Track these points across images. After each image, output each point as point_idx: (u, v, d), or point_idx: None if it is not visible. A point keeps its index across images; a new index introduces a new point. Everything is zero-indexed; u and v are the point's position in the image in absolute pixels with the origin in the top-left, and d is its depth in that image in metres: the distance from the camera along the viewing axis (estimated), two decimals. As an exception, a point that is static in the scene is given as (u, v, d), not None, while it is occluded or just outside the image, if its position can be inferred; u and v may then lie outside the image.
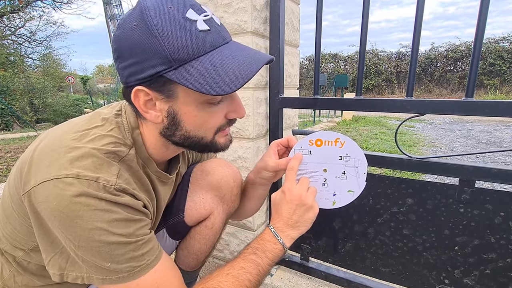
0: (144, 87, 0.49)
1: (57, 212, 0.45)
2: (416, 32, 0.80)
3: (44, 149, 0.50)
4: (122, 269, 0.49)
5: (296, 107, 1.09)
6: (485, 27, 0.73)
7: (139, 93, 0.50)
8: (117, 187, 0.49)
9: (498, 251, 0.81)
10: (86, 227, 0.46)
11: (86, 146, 0.49)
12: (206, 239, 0.83)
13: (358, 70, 0.92)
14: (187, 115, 0.52)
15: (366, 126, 6.67)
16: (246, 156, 1.09)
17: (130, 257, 0.49)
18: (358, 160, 0.66)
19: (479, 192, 0.80)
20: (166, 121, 0.53)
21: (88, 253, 0.47)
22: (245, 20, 0.97)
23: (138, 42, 0.46)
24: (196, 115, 0.53)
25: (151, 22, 0.45)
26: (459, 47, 14.84)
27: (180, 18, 0.46)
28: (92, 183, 0.46)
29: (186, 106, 0.52)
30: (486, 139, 5.16)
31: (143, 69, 0.48)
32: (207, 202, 0.81)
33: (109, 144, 0.52)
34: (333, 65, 18.05)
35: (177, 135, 0.55)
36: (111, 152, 0.51)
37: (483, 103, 0.75)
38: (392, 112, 0.87)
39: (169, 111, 0.52)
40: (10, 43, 10.66)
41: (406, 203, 0.91)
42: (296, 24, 1.24)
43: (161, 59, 0.46)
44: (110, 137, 0.53)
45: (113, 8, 9.69)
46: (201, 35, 0.48)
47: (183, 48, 0.46)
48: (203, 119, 0.54)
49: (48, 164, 0.47)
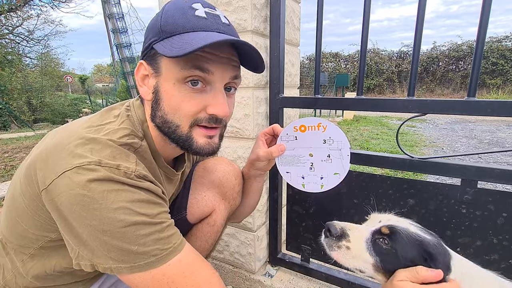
0: (143, 61, 0.56)
1: (80, 197, 0.45)
2: (417, 31, 0.80)
3: (58, 144, 0.51)
4: (150, 252, 0.48)
5: (296, 106, 1.08)
6: (487, 26, 0.72)
7: (140, 67, 0.56)
8: (138, 173, 0.51)
9: (501, 252, 0.80)
10: (110, 207, 0.46)
11: (103, 138, 0.52)
12: (207, 236, 0.84)
13: (359, 69, 0.92)
14: (166, 93, 0.55)
15: (367, 126, 6.65)
16: (246, 156, 1.08)
17: (157, 238, 0.49)
18: (340, 142, 0.69)
19: (481, 193, 0.79)
20: (151, 98, 0.57)
21: (114, 237, 0.47)
22: (245, 18, 0.97)
23: (151, 23, 0.56)
24: (173, 94, 0.54)
25: (164, 8, 0.54)
26: (461, 46, 14.78)
27: (185, 5, 0.53)
28: (114, 169, 0.48)
29: (166, 83, 0.54)
30: (488, 139, 5.14)
31: (144, 43, 0.55)
32: (209, 200, 0.82)
33: (123, 137, 0.54)
34: (334, 64, 18.02)
35: (158, 116, 0.57)
36: (126, 144, 0.54)
37: (486, 102, 0.75)
38: (393, 112, 0.86)
39: (155, 87, 0.56)
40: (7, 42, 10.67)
41: (408, 204, 0.90)
42: (296, 23, 1.23)
43: (155, 32, 0.53)
44: (123, 130, 0.56)
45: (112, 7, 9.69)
46: (194, 18, 0.53)
47: (173, 24, 0.52)
48: (178, 100, 0.54)
49: (66, 156, 0.48)
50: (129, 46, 9.82)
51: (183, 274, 0.51)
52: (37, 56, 11.86)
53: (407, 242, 0.53)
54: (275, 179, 1.15)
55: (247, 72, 1.01)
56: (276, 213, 1.19)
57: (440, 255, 0.52)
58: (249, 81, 1.02)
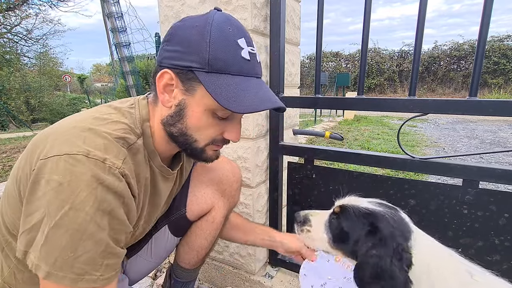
0: (172, 72, 0.55)
1: (57, 184, 0.46)
2: (419, 30, 0.79)
3: (56, 131, 0.53)
4: (74, 269, 0.47)
5: (296, 106, 1.08)
6: (489, 25, 0.72)
7: (165, 74, 0.56)
8: (121, 171, 0.51)
9: (503, 253, 0.79)
10: (75, 206, 0.46)
11: (99, 129, 0.53)
12: (207, 233, 0.85)
13: (360, 69, 0.91)
14: (193, 114, 0.57)
15: (368, 126, 6.63)
16: (246, 156, 1.08)
17: (90, 259, 0.47)
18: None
19: (483, 193, 0.79)
20: (173, 109, 0.58)
21: (58, 234, 0.46)
22: (245, 18, 0.96)
23: (191, 38, 0.54)
24: (200, 118, 0.58)
25: (209, 30, 0.53)
26: (462, 46, 14.73)
27: (232, 40, 0.54)
28: (99, 163, 0.49)
29: (197, 106, 0.57)
30: (490, 139, 5.12)
31: (181, 58, 0.55)
32: (208, 197, 0.83)
33: (119, 130, 0.55)
34: (335, 64, 17.99)
35: (176, 126, 0.59)
36: (120, 137, 0.55)
37: (487, 102, 0.74)
38: (394, 111, 0.86)
39: (180, 102, 0.57)
40: (6, 41, 10.65)
41: (409, 204, 0.89)
42: (297, 22, 1.22)
43: (200, 59, 0.53)
44: (121, 124, 0.57)
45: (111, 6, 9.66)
46: (240, 60, 0.55)
47: (221, 61, 0.53)
48: (203, 125, 0.59)
49: (61, 142, 0.50)
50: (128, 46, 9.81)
51: None
52: (35, 56, 11.85)
53: (354, 217, 0.58)
54: (275, 179, 1.14)
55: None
56: (276, 213, 1.19)
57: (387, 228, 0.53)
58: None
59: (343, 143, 4.35)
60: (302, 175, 1.07)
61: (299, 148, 1.06)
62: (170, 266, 0.97)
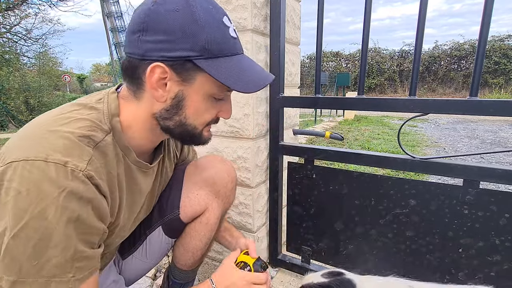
0: (165, 65, 0.51)
1: (15, 192, 0.44)
2: (419, 30, 0.79)
3: (18, 135, 0.50)
4: (41, 274, 0.45)
5: (297, 106, 1.08)
6: (489, 25, 0.72)
7: (157, 69, 0.51)
8: (86, 173, 0.47)
9: (503, 253, 0.79)
10: (35, 216, 0.43)
11: (60, 129, 0.49)
12: (201, 235, 0.84)
13: (360, 69, 0.91)
14: (193, 103, 0.56)
15: (368, 126, 6.63)
16: (246, 157, 1.08)
17: (58, 264, 0.45)
18: None
19: (483, 193, 0.78)
20: (169, 102, 0.55)
21: (20, 245, 0.43)
22: (245, 17, 0.96)
23: (177, 24, 0.49)
24: (200, 105, 0.57)
25: (196, 13, 0.49)
26: (463, 45, 14.71)
27: (219, 20, 0.52)
28: (60, 167, 0.45)
29: (196, 95, 0.55)
30: (490, 139, 5.11)
31: (173, 49, 0.50)
32: (201, 198, 0.82)
33: (83, 127, 0.51)
34: (335, 64, 17.97)
35: (174, 119, 0.57)
36: (85, 136, 0.50)
37: (488, 102, 0.74)
38: (394, 111, 0.85)
39: (177, 94, 0.54)
40: (5, 41, 10.60)
41: (409, 204, 0.89)
42: (297, 22, 1.22)
43: (195, 45, 0.50)
44: (85, 121, 0.52)
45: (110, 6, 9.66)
46: (230, 39, 0.54)
47: (216, 44, 0.51)
48: (203, 110, 0.58)
49: (19, 147, 0.47)
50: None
51: None
52: (35, 55, 11.80)
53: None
54: (275, 179, 1.14)
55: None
56: (276, 214, 1.18)
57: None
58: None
59: (343, 143, 4.35)
60: (302, 175, 1.07)
61: (299, 148, 1.06)
62: (168, 268, 0.97)
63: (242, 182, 1.10)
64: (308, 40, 6.51)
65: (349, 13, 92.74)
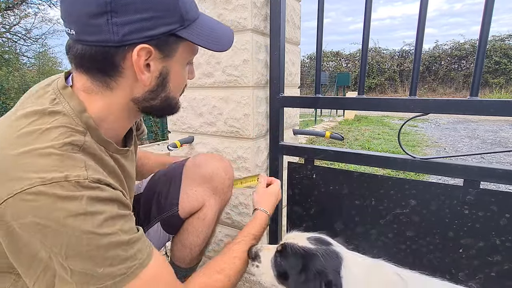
0: (149, 45, 0.47)
1: (35, 225, 0.40)
2: (420, 30, 0.79)
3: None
4: (116, 273, 0.46)
5: (297, 106, 1.08)
6: (490, 25, 0.71)
7: (142, 52, 0.47)
8: (91, 179, 0.45)
9: (504, 253, 0.79)
10: (72, 234, 0.41)
11: (33, 148, 0.43)
12: (199, 231, 0.85)
13: (360, 69, 0.91)
14: (175, 74, 0.55)
15: (369, 126, 6.62)
16: (246, 157, 1.08)
17: (124, 257, 0.46)
18: None
19: (484, 193, 0.78)
20: (154, 83, 0.53)
21: (78, 262, 0.43)
22: (245, 17, 0.96)
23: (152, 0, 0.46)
24: (181, 74, 0.57)
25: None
26: (463, 45, 14.69)
27: None
28: (63, 183, 0.42)
29: (177, 65, 0.54)
30: (491, 139, 5.11)
31: (155, 26, 0.47)
32: (199, 194, 0.84)
33: (59, 136, 0.46)
34: (335, 63, 17.95)
35: (159, 97, 0.55)
36: (66, 144, 0.45)
37: (488, 102, 0.74)
38: (395, 111, 0.85)
39: (161, 71, 0.52)
40: (4, 41, 10.59)
41: (410, 204, 0.89)
42: (297, 22, 1.22)
43: (176, 17, 0.49)
44: (57, 129, 0.46)
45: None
46: (193, 1, 0.54)
47: (190, 9, 0.51)
48: (182, 78, 0.58)
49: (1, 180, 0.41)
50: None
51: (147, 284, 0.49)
52: (34, 55, 11.76)
53: (291, 257, 0.63)
54: (275, 179, 1.14)
55: (247, 71, 1.00)
56: (276, 214, 1.18)
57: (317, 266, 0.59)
58: (249, 80, 1.01)
59: (344, 143, 4.35)
60: (302, 175, 1.07)
61: (299, 148, 1.06)
62: None
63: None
64: (308, 40, 6.50)
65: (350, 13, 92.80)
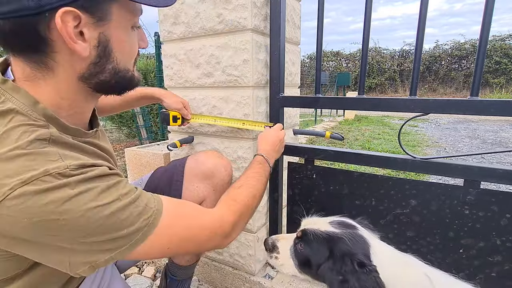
0: (75, 8, 0.41)
1: (35, 225, 0.39)
2: (420, 30, 0.79)
3: None
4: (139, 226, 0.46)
5: (297, 106, 1.08)
6: (490, 25, 0.71)
7: (66, 16, 0.41)
8: (73, 166, 0.42)
9: (504, 253, 0.79)
10: (76, 217, 0.40)
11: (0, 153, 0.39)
12: None
13: (360, 69, 0.91)
14: (118, 42, 0.48)
15: (369, 126, 6.62)
16: (246, 157, 1.08)
17: (138, 212, 0.46)
18: None
19: (484, 193, 0.78)
20: (94, 53, 0.46)
21: (99, 235, 0.42)
22: (244, 17, 0.96)
23: None
24: (126, 41, 0.50)
25: None
26: (464, 45, 14.69)
27: None
28: (45, 178, 0.39)
29: (118, 30, 0.48)
30: (491, 139, 5.10)
31: None
32: (200, 190, 0.87)
33: (22, 136, 0.41)
34: (335, 63, 17.96)
35: (107, 69, 0.49)
36: (31, 141, 0.41)
37: (489, 102, 0.74)
38: (395, 111, 0.85)
39: (100, 39, 0.46)
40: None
41: (410, 205, 0.89)
42: (297, 21, 1.22)
43: None
44: (15, 129, 0.42)
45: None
46: None
47: None
48: (129, 46, 0.52)
49: None
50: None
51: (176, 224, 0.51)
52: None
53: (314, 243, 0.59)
54: (275, 179, 1.14)
55: (247, 71, 1.00)
56: (276, 214, 1.18)
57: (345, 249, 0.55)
58: (249, 80, 1.01)
59: (344, 143, 4.34)
60: (302, 175, 1.07)
61: (299, 148, 1.06)
62: (166, 265, 0.97)
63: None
64: (308, 39, 6.51)
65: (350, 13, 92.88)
